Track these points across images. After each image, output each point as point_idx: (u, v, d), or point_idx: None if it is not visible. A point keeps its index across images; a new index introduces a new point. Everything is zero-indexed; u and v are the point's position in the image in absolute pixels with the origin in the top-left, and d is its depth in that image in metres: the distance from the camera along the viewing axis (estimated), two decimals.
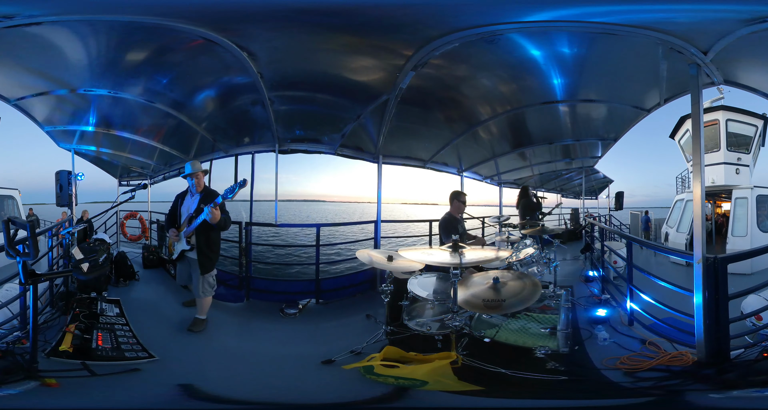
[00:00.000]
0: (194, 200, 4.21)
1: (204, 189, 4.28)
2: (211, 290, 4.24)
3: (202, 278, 4.15)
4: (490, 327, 3.63)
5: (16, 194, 7.01)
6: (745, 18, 2.91)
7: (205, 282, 4.17)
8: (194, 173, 4.20)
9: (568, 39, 3.60)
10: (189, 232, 4.14)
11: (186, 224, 4.18)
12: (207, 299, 4.23)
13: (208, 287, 4.20)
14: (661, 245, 6.86)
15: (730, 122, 7.05)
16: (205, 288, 4.18)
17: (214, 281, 4.27)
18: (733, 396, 2.70)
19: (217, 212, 3.93)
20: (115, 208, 4.92)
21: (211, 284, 4.23)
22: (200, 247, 4.14)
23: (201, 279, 4.14)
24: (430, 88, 4.57)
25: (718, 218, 7.82)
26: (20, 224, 2.76)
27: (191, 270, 4.23)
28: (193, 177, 4.21)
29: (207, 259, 4.16)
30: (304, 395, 3.04)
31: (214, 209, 3.89)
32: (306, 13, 3.26)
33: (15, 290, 3.77)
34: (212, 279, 4.25)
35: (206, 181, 4.44)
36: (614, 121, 5.58)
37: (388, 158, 6.12)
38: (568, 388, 3.04)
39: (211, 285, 4.23)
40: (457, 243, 3.56)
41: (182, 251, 4.22)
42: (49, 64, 4.11)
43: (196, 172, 4.21)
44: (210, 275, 4.21)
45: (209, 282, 4.21)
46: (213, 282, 4.26)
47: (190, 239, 4.17)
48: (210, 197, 4.03)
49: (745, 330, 3.33)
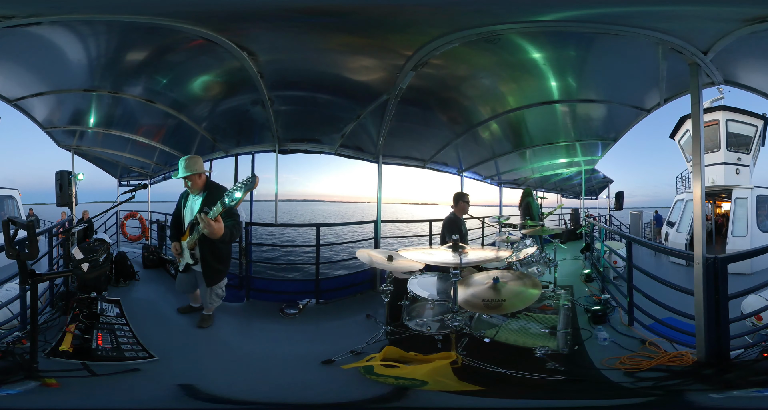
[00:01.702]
0: (196, 201, 3.77)
1: (206, 187, 3.79)
2: (219, 301, 4.09)
3: (210, 290, 3.92)
4: (490, 327, 3.63)
5: (16, 194, 7.02)
6: (745, 18, 2.91)
7: (213, 294, 3.97)
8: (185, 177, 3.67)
9: (568, 39, 3.60)
10: (191, 242, 3.67)
11: (188, 232, 3.71)
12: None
13: (216, 298, 4.03)
14: (661, 245, 6.86)
15: (730, 122, 7.06)
16: (212, 299, 4.01)
17: (223, 292, 4.09)
18: (733, 396, 2.69)
19: (216, 226, 3.10)
20: (115, 208, 4.92)
21: (219, 295, 4.04)
22: (205, 258, 3.72)
23: (208, 291, 3.93)
24: (430, 88, 4.57)
25: (718, 218, 7.82)
26: (20, 224, 2.76)
27: (197, 282, 4.01)
28: (188, 179, 3.72)
29: (213, 272, 3.79)
30: (304, 395, 3.03)
31: (212, 221, 3.08)
32: (306, 13, 3.26)
33: (15, 290, 3.77)
34: (221, 291, 4.04)
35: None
36: (614, 121, 5.58)
37: (388, 158, 6.12)
38: (568, 388, 3.04)
39: (219, 296, 4.06)
40: (457, 243, 3.56)
41: (187, 265, 3.88)
42: (49, 64, 4.11)
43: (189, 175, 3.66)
44: (218, 286, 3.97)
45: (217, 294, 4.01)
46: (221, 293, 4.07)
47: (194, 251, 3.73)
48: (212, 199, 3.29)
49: (745, 330, 3.33)
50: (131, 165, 7.56)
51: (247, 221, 5.54)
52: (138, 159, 7.22)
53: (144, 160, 7.26)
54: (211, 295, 3.99)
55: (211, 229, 3.12)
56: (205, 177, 3.83)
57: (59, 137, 6.11)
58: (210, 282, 3.85)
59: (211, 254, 3.73)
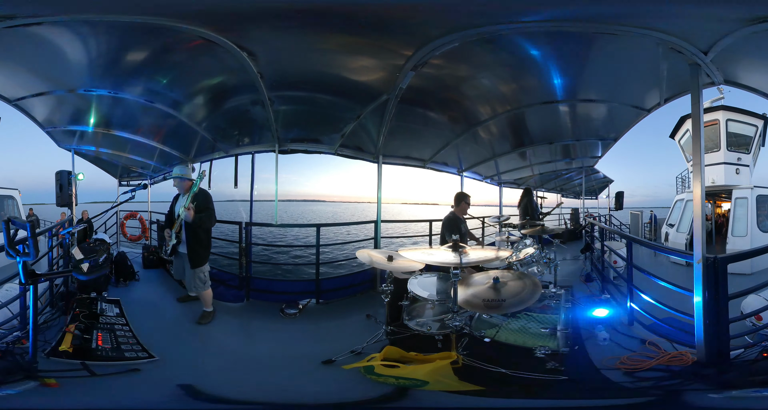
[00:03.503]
0: (183, 199, 4.38)
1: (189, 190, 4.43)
2: (203, 286, 4.35)
3: (193, 273, 4.28)
4: (490, 327, 3.64)
5: (16, 194, 7.02)
6: (745, 18, 2.91)
7: (195, 278, 4.30)
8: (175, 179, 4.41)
9: (568, 39, 3.60)
10: (177, 227, 4.33)
11: (176, 221, 4.35)
12: (205, 293, 4.37)
13: (199, 283, 4.32)
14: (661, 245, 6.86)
15: (730, 122, 7.06)
16: (196, 284, 4.32)
17: (205, 277, 4.37)
18: (733, 396, 2.69)
19: (190, 212, 4.13)
20: (115, 208, 4.92)
21: (201, 279, 4.34)
22: (188, 241, 4.29)
23: (192, 274, 4.28)
24: (430, 88, 4.57)
25: (718, 218, 7.83)
26: (20, 224, 2.76)
27: (184, 265, 4.37)
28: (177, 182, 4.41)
29: (195, 253, 4.29)
30: (304, 395, 3.04)
31: (186, 209, 4.11)
32: (306, 13, 3.26)
33: (15, 290, 3.77)
34: (203, 275, 4.35)
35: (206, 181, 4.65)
36: (614, 121, 5.58)
37: (388, 158, 6.11)
38: (568, 388, 3.04)
39: (201, 281, 4.34)
40: (457, 243, 3.56)
41: (173, 246, 4.37)
42: (49, 64, 4.11)
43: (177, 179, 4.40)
44: (200, 270, 4.32)
45: (200, 278, 4.32)
46: (204, 278, 4.35)
47: (179, 234, 4.35)
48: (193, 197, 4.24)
49: (745, 330, 3.33)
50: (131, 165, 7.56)
51: (247, 222, 5.56)
52: (138, 159, 7.21)
53: (144, 160, 7.26)
54: (195, 279, 4.31)
55: (188, 213, 4.12)
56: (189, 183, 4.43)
57: (59, 137, 6.10)
58: (192, 264, 4.28)
59: (193, 238, 4.29)
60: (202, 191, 4.41)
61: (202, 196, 4.36)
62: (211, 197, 4.47)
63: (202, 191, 4.40)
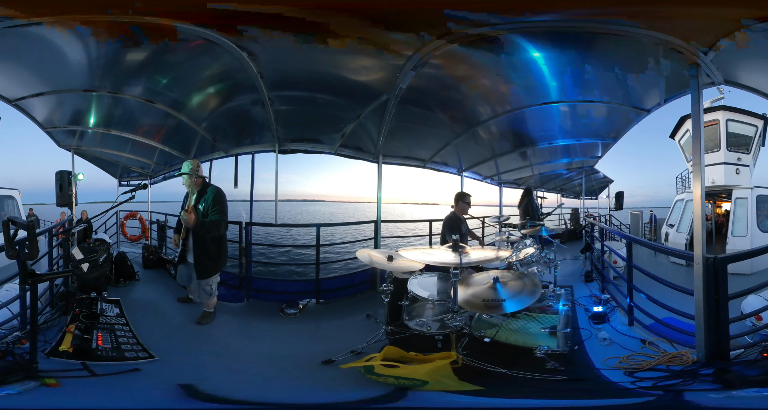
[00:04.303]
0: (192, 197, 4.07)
1: (201, 186, 4.07)
2: (208, 297, 4.16)
3: (198, 284, 4.08)
4: (490, 327, 3.64)
5: (16, 194, 7.02)
6: (745, 18, 2.90)
7: (201, 289, 4.10)
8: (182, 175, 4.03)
9: (569, 39, 3.60)
10: (183, 234, 4.06)
11: (183, 228, 4.05)
12: (209, 302, 4.24)
13: (204, 294, 4.13)
14: (661, 245, 6.86)
15: (730, 122, 7.06)
16: (201, 294, 4.13)
17: (212, 289, 4.16)
18: (733, 396, 2.69)
19: (189, 217, 3.66)
20: (115, 208, 4.92)
21: (207, 291, 4.13)
22: (196, 252, 4.00)
23: (198, 285, 4.10)
24: (430, 88, 4.57)
25: (718, 218, 7.83)
26: (20, 224, 2.76)
27: (191, 273, 4.16)
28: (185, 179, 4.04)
29: (201, 264, 4.00)
30: (304, 395, 3.03)
31: (186, 212, 3.69)
32: (306, 13, 3.26)
33: (15, 290, 3.76)
34: (209, 287, 4.13)
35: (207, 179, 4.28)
36: (614, 121, 5.58)
37: (388, 158, 6.11)
38: (568, 388, 3.04)
39: (207, 293, 4.13)
40: (457, 243, 3.56)
41: (180, 253, 4.15)
42: (49, 64, 4.10)
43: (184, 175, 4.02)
44: (207, 282, 4.08)
45: (205, 290, 4.11)
46: (210, 290, 4.14)
47: (186, 241, 4.05)
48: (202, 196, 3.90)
49: (745, 330, 3.33)
50: (131, 165, 7.56)
51: (247, 222, 5.55)
52: (138, 159, 7.21)
53: (144, 160, 7.26)
54: (199, 290, 4.11)
55: (186, 218, 3.71)
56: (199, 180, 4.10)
57: (59, 137, 6.11)
58: (199, 275, 4.03)
59: (201, 248, 3.97)
60: (213, 190, 3.95)
61: (211, 196, 3.86)
62: (223, 197, 3.99)
63: (212, 190, 3.95)
